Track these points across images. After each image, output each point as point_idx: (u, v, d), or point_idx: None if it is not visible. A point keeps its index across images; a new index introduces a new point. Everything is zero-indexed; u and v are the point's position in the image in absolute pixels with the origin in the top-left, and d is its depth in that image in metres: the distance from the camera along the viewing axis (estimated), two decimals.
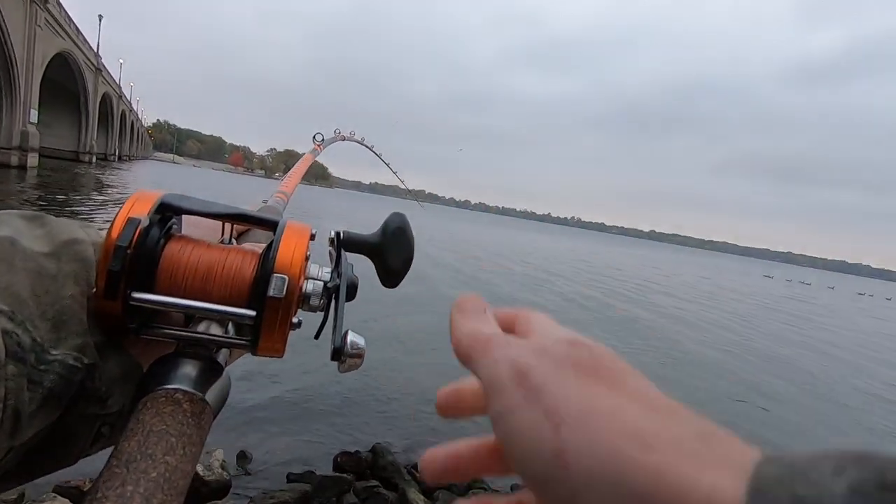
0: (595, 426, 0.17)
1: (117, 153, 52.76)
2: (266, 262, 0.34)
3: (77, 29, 31.55)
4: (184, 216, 0.38)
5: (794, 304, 21.88)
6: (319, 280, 0.36)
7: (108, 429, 0.32)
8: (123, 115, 56.95)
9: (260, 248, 0.38)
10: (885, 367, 10.64)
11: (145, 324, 0.34)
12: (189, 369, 0.32)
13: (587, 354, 0.20)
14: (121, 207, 0.33)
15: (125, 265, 0.31)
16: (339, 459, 3.49)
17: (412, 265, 0.42)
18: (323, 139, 1.21)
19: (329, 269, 0.38)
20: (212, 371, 0.33)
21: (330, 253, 0.40)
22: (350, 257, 0.41)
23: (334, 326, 0.36)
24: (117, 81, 50.95)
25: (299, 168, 0.97)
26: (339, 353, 0.35)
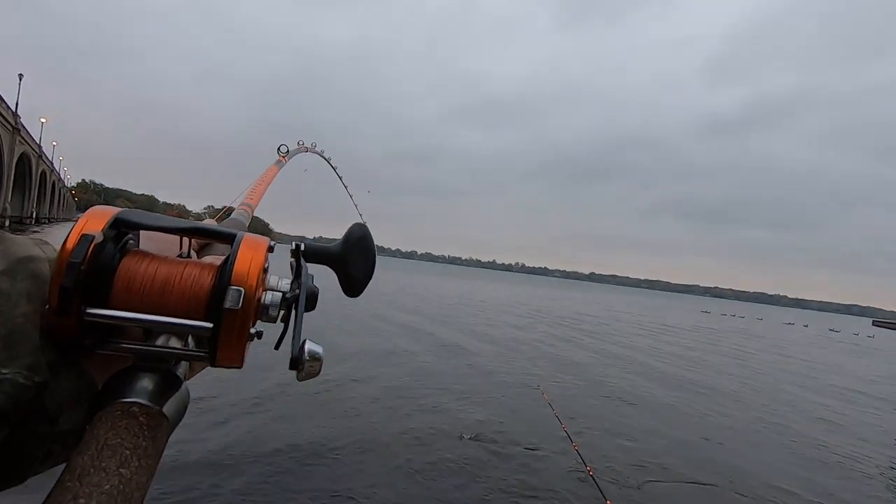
0: None
1: (34, 215, 49.26)
2: (223, 274, 0.34)
3: None
4: (142, 233, 0.38)
5: (742, 338, 22.69)
6: (278, 291, 0.37)
7: (60, 447, 0.32)
8: (44, 175, 53.61)
9: (219, 261, 0.38)
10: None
11: (102, 339, 0.33)
12: (146, 382, 0.32)
13: None
14: (74, 224, 0.33)
15: (79, 281, 0.30)
16: None
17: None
18: (288, 150, 1.19)
19: (289, 281, 0.38)
20: (170, 384, 0.33)
21: (291, 264, 0.41)
22: (313, 269, 0.41)
23: (293, 336, 0.36)
24: (38, 141, 48.07)
25: (265, 179, 0.95)
26: (297, 363, 0.35)
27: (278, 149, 1.16)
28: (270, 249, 0.37)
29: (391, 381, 7.25)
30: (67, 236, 0.32)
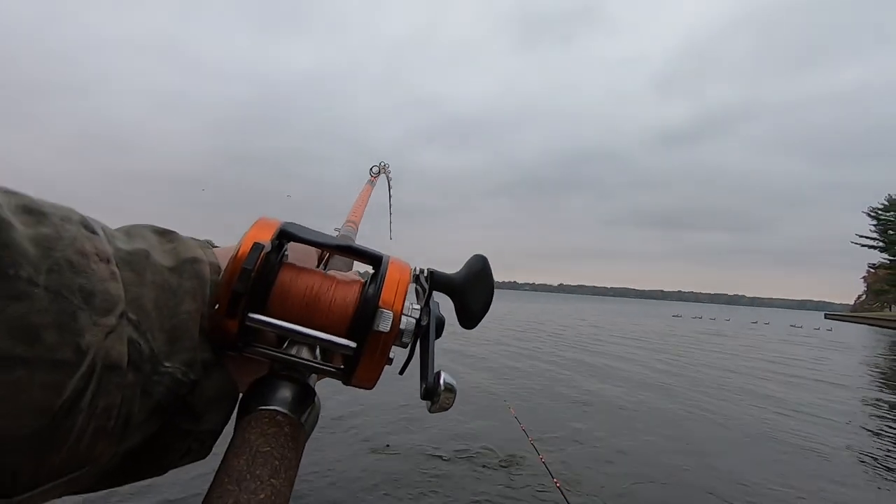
0: None
1: None
2: (370, 295, 0.35)
3: None
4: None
5: (720, 340, 22.72)
6: (412, 317, 0.35)
7: (198, 445, 0.32)
8: None
9: (354, 277, 0.39)
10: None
11: (249, 343, 0.34)
12: (287, 392, 0.32)
13: None
14: (248, 231, 0.34)
15: (248, 287, 0.31)
16: None
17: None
18: (379, 172, 1.26)
19: (418, 306, 0.37)
20: (307, 396, 0.33)
21: (416, 290, 0.40)
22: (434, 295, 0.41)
23: (423, 364, 0.36)
24: None
25: (362, 198, 1.01)
26: (431, 393, 0.34)
27: (370, 169, 1.24)
28: (413, 276, 0.36)
29: (355, 395, 6.59)
30: (241, 243, 0.32)
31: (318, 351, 0.37)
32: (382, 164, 1.32)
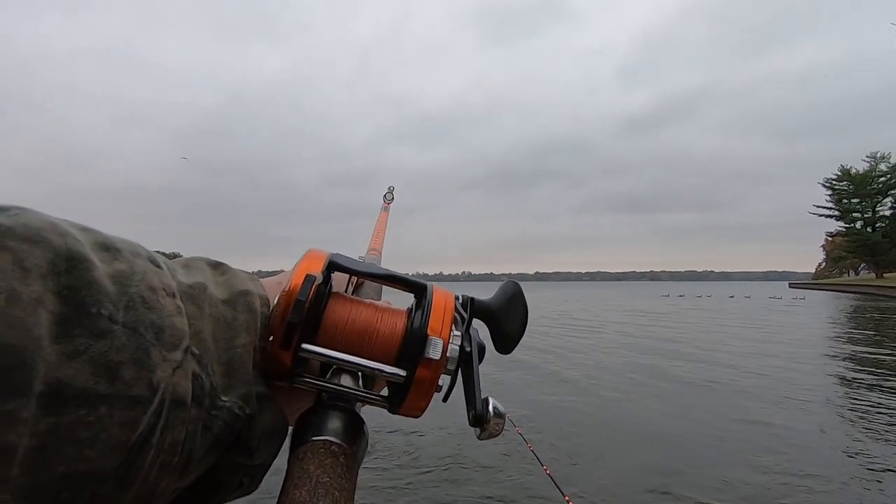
0: None
1: None
2: (420, 324, 0.35)
3: None
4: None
5: (714, 315, 22.74)
6: (454, 344, 0.35)
7: (248, 479, 0.32)
8: None
9: (395, 307, 0.39)
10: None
11: (299, 374, 0.34)
12: (338, 422, 0.33)
13: None
14: (299, 262, 0.35)
15: (302, 318, 0.32)
16: None
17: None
18: (393, 197, 1.25)
19: (458, 333, 0.37)
20: (356, 425, 0.33)
21: (455, 318, 0.39)
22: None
23: (468, 391, 0.36)
24: None
25: (380, 225, 1.01)
26: (480, 420, 0.34)
27: (384, 196, 1.23)
28: (456, 304, 0.38)
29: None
30: (293, 275, 0.33)
31: (360, 380, 0.38)
32: (392, 188, 1.33)
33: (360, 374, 0.37)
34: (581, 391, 7.46)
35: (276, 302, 0.33)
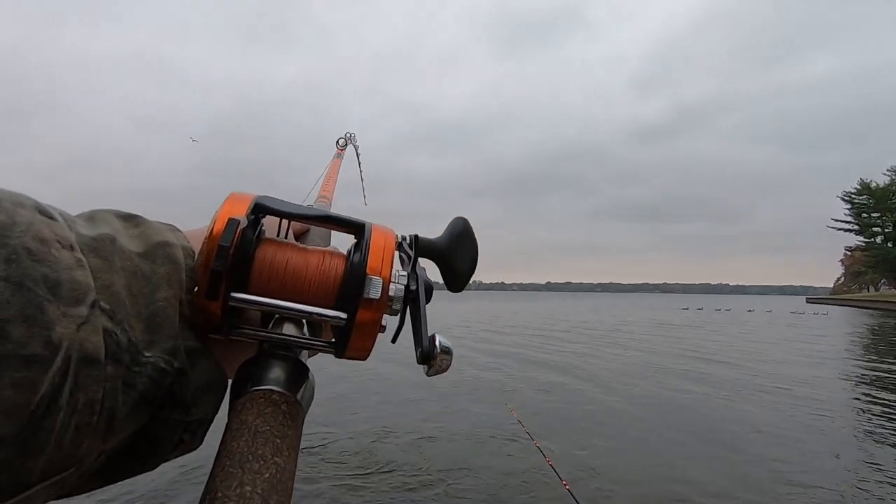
0: None
1: None
2: (357, 264, 0.34)
3: None
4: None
5: (741, 331, 21.83)
6: (400, 283, 0.35)
7: (189, 436, 0.31)
8: None
9: (338, 250, 0.37)
10: None
11: (234, 325, 0.33)
12: (280, 371, 0.32)
13: None
14: (221, 207, 0.32)
15: (227, 265, 0.30)
16: None
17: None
18: (346, 143, 1.23)
19: (405, 273, 0.36)
20: (300, 372, 0.33)
21: (401, 257, 0.38)
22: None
23: (416, 330, 0.35)
24: None
25: (332, 172, 0.96)
26: (427, 357, 0.33)
27: (336, 142, 1.19)
28: (397, 241, 0.36)
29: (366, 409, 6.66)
30: (214, 220, 0.31)
31: (305, 328, 0.37)
32: (348, 134, 1.27)
33: (304, 321, 0.37)
34: (608, 407, 7.03)
35: (199, 251, 0.32)
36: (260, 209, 0.34)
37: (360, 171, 1.63)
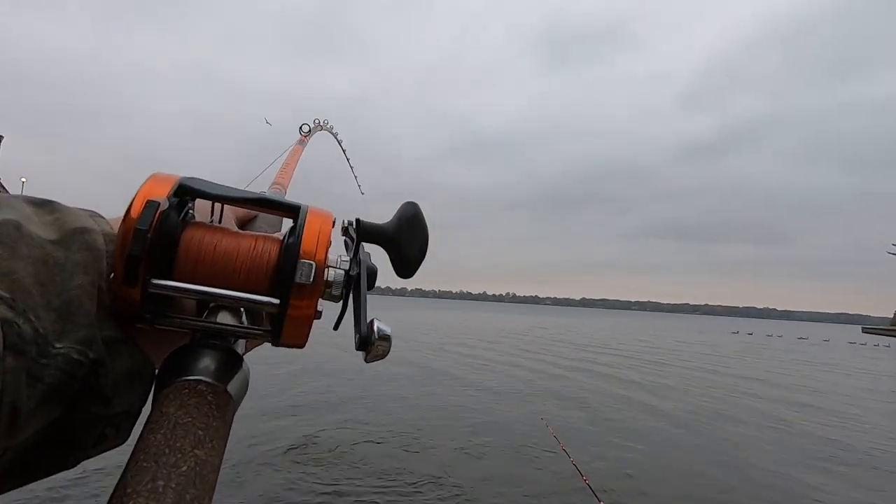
0: None
1: None
2: (290, 247, 0.32)
3: None
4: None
5: (799, 359, 21.85)
6: (340, 268, 0.34)
7: (113, 430, 0.30)
8: None
9: (275, 235, 0.35)
10: None
11: (161, 313, 0.31)
12: (209, 360, 0.30)
13: None
14: (139, 188, 0.30)
15: (145, 249, 0.28)
16: None
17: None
18: (310, 129, 1.16)
19: (347, 258, 0.35)
20: (232, 362, 0.31)
21: (345, 241, 0.38)
22: (364, 247, 0.39)
23: (356, 316, 0.34)
24: None
25: (291, 158, 0.91)
26: (365, 343, 0.33)
27: (300, 128, 1.12)
28: (334, 224, 0.35)
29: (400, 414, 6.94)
30: (132, 201, 0.29)
31: (244, 317, 0.36)
32: (318, 121, 1.20)
33: (242, 310, 0.36)
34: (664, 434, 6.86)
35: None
36: (185, 191, 0.32)
37: (348, 160, 1.60)
